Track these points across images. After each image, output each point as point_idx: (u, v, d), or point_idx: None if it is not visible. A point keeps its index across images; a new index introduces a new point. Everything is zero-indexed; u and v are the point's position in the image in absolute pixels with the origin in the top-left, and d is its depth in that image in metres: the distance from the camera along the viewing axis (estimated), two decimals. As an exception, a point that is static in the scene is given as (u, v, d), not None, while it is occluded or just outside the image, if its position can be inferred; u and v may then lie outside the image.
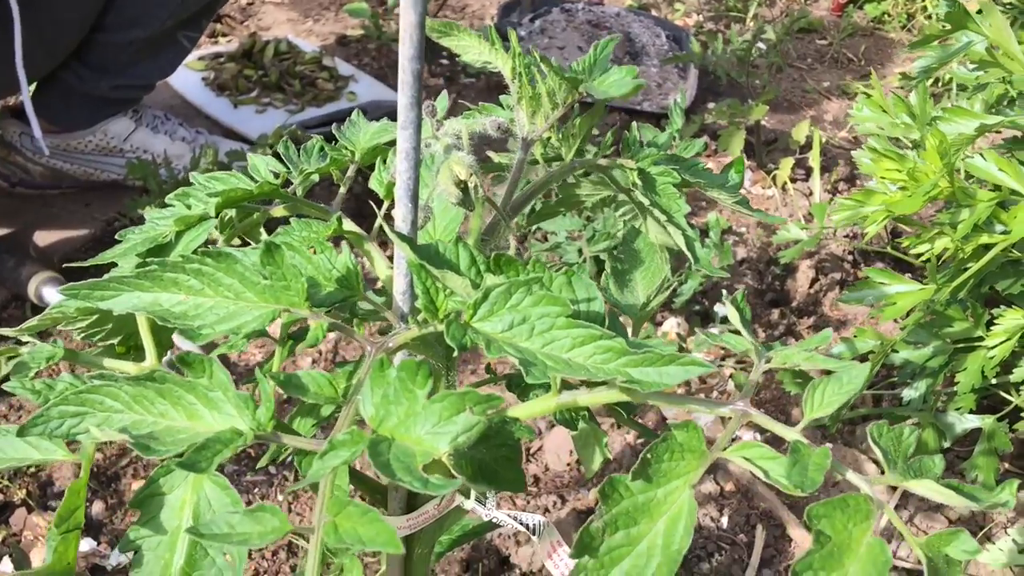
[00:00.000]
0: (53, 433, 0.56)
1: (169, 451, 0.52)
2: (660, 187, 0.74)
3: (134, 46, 1.67)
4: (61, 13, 1.57)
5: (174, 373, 0.55)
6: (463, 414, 0.49)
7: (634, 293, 0.73)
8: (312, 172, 0.74)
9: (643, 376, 0.55)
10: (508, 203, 0.69)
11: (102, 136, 1.79)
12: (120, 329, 0.70)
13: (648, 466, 0.58)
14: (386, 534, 0.48)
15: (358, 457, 0.49)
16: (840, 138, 2.38)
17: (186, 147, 1.88)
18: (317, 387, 0.54)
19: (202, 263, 0.57)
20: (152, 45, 1.69)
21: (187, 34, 1.73)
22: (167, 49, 1.73)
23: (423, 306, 0.56)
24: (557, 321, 0.56)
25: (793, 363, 0.65)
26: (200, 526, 0.49)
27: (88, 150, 1.80)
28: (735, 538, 1.43)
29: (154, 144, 1.85)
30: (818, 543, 0.57)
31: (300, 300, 0.57)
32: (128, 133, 1.82)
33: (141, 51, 1.69)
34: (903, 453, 0.65)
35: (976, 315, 1.22)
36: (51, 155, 1.78)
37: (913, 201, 0.99)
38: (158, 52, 1.72)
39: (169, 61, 1.77)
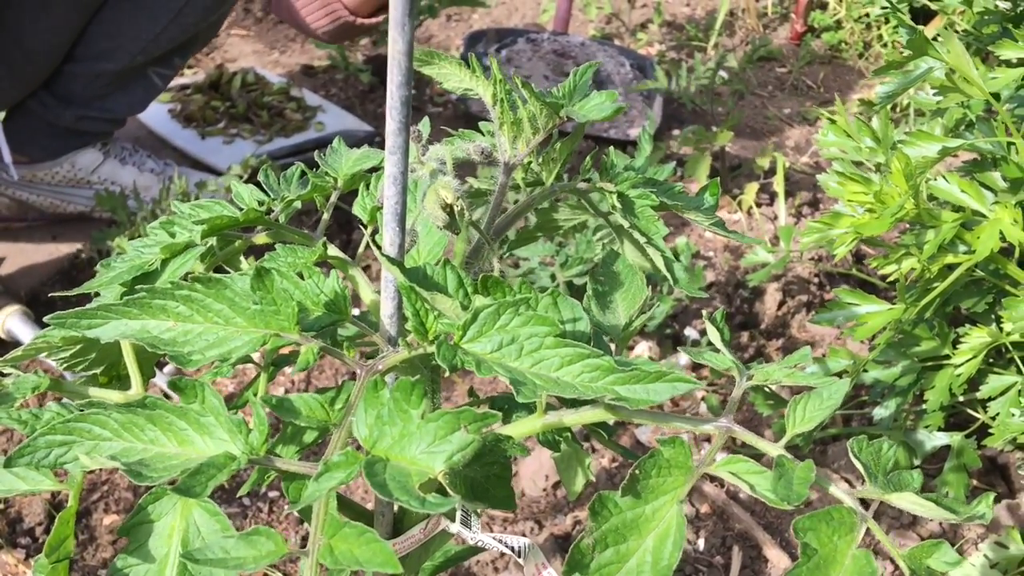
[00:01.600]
0: (40, 463, 0.56)
1: (161, 477, 0.52)
2: (639, 209, 0.76)
3: (103, 79, 1.66)
4: (32, 43, 1.56)
5: (164, 399, 0.55)
6: (458, 433, 0.49)
7: (615, 314, 0.74)
8: (295, 199, 0.75)
9: (631, 393, 0.56)
10: (491, 227, 0.70)
11: (69, 167, 1.78)
12: (103, 359, 0.70)
13: (636, 482, 0.59)
14: (383, 554, 0.48)
15: (354, 478, 0.50)
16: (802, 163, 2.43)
17: (154, 178, 1.87)
18: (309, 410, 0.54)
19: (192, 289, 0.57)
20: (121, 79, 1.69)
21: (159, 71, 1.73)
22: (137, 84, 1.73)
23: (413, 328, 0.57)
24: (545, 340, 0.57)
25: (774, 380, 0.66)
26: (194, 551, 0.49)
27: (55, 181, 1.79)
28: (712, 560, 1.44)
29: (122, 176, 1.84)
30: (805, 555, 0.58)
31: (290, 324, 0.57)
32: (96, 165, 1.81)
33: (110, 84, 1.68)
34: (883, 467, 0.66)
35: (942, 334, 1.25)
36: (18, 186, 1.77)
37: (880, 223, 1.02)
38: (127, 87, 1.71)
39: (139, 98, 1.76)
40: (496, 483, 0.61)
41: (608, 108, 0.64)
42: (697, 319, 1.85)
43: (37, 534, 1.38)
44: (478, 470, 0.60)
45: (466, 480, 0.60)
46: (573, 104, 0.66)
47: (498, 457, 0.60)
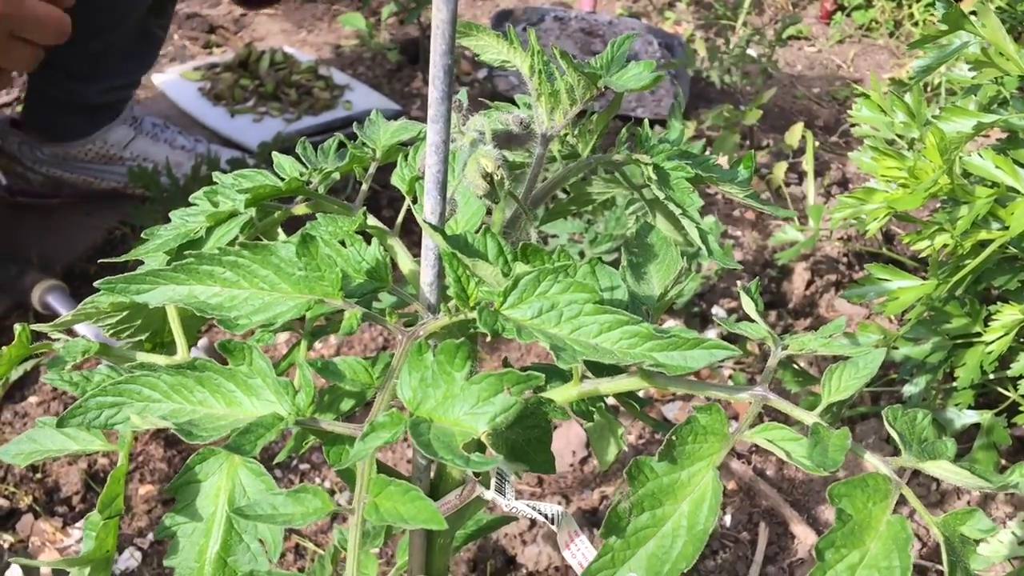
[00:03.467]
0: (92, 424, 0.57)
1: (211, 436, 0.53)
2: (674, 181, 0.76)
3: (113, 49, 1.69)
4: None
5: (213, 362, 0.56)
6: (501, 395, 0.50)
7: (650, 285, 0.75)
8: (333, 171, 0.76)
9: (668, 360, 0.57)
10: (528, 197, 0.71)
11: (101, 144, 1.80)
12: (148, 325, 0.71)
13: (673, 448, 0.60)
14: (428, 512, 0.49)
15: (398, 438, 0.51)
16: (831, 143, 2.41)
17: (185, 155, 1.89)
18: (353, 373, 0.56)
19: (239, 255, 0.59)
20: (128, 43, 1.71)
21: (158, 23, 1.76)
22: (143, 43, 1.76)
23: (455, 294, 0.58)
24: (585, 308, 0.57)
25: (810, 350, 0.67)
26: (244, 507, 0.51)
27: (88, 159, 1.81)
28: (738, 536, 1.45)
29: (154, 152, 1.86)
30: (840, 521, 0.58)
31: (334, 290, 0.59)
32: (128, 141, 1.83)
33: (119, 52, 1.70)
34: (917, 437, 0.66)
35: (974, 311, 1.24)
36: (51, 164, 1.79)
37: (914, 197, 1.01)
38: (136, 48, 1.74)
39: (149, 52, 1.80)
40: (536, 446, 0.62)
41: (646, 77, 0.65)
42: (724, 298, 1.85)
43: (74, 503, 1.41)
44: (519, 432, 0.61)
45: (507, 442, 0.61)
46: (611, 75, 0.67)
47: (539, 420, 0.61)
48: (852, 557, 0.58)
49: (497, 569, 1.38)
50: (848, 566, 0.58)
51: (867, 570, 0.58)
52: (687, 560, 0.59)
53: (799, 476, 1.53)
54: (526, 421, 0.60)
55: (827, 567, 0.58)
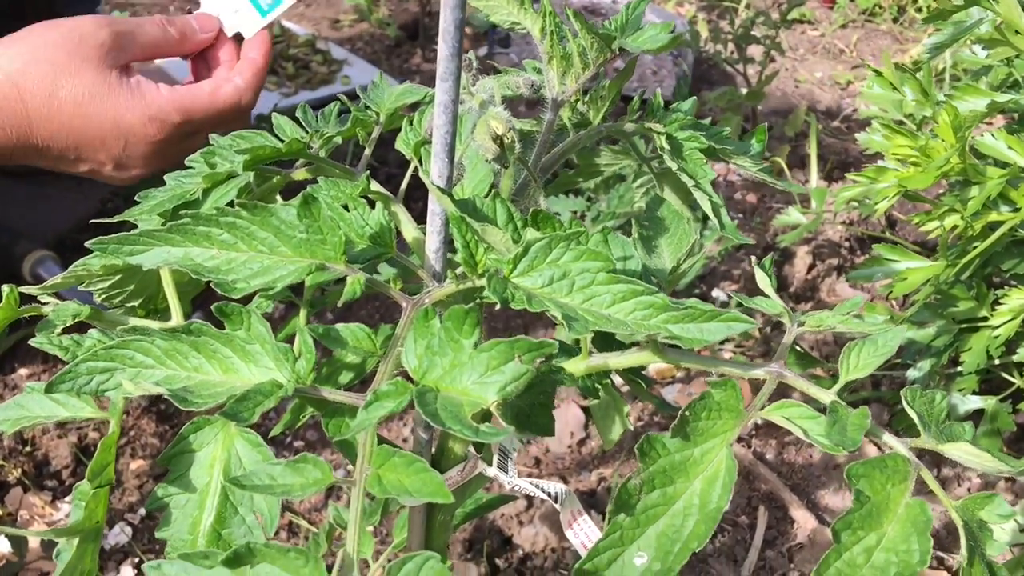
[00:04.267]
0: (82, 389, 0.55)
1: (206, 403, 0.51)
2: (687, 152, 0.74)
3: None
4: None
5: (209, 325, 0.54)
6: (511, 363, 0.48)
7: (661, 258, 0.73)
8: (335, 135, 0.73)
9: (684, 332, 0.55)
10: (537, 165, 0.68)
11: None
12: (142, 290, 0.69)
13: (686, 424, 0.58)
14: (434, 484, 0.47)
15: (403, 408, 0.49)
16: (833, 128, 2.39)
17: None
18: (355, 340, 0.53)
19: (237, 216, 0.56)
20: None
21: None
22: None
23: (463, 260, 0.55)
24: (597, 276, 0.55)
25: (827, 326, 0.65)
26: (240, 477, 0.48)
27: None
28: (737, 519, 1.43)
29: None
30: (858, 502, 0.56)
31: (337, 255, 0.56)
32: None
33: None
34: (935, 418, 0.64)
35: (981, 295, 1.23)
36: None
37: (926, 176, 0.99)
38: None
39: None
40: (539, 411, 0.60)
41: (663, 39, 0.62)
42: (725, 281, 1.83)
43: (64, 477, 1.39)
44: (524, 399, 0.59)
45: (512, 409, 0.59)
46: (626, 36, 0.64)
47: (545, 386, 0.59)
48: (869, 539, 0.57)
49: (493, 549, 1.37)
50: (865, 549, 0.56)
51: (884, 553, 0.56)
52: (699, 540, 0.57)
53: (799, 460, 1.51)
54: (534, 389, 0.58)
55: (843, 549, 0.56)
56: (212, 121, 0.96)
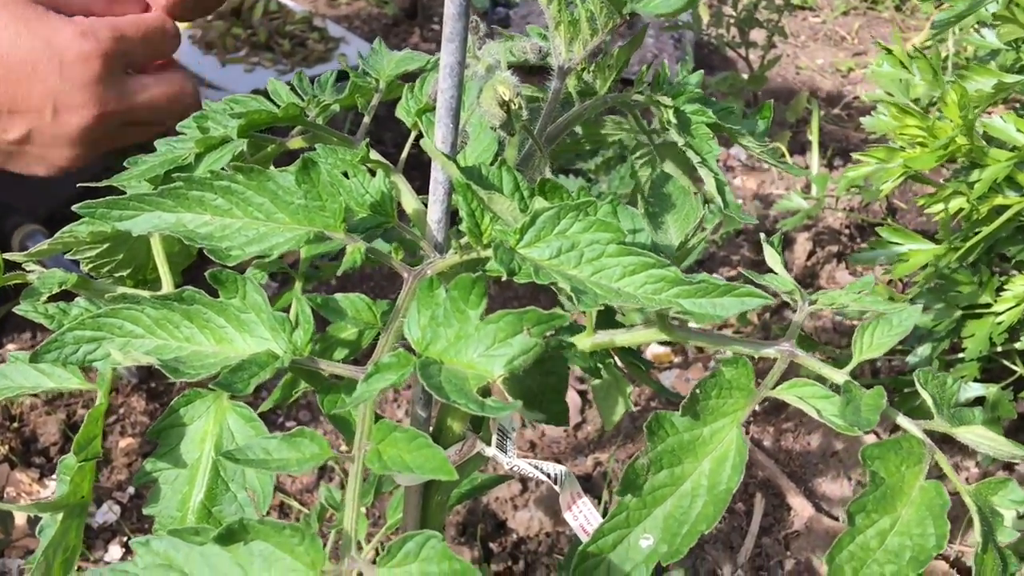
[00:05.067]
0: (68, 359, 0.53)
1: (199, 374, 0.49)
2: (694, 127, 0.72)
3: None
4: None
5: (202, 293, 0.52)
6: (520, 336, 0.46)
7: (668, 234, 0.71)
8: (332, 102, 0.71)
9: (696, 307, 0.53)
10: (543, 134, 0.66)
11: None
12: (131, 260, 0.66)
13: (696, 402, 0.56)
14: (437, 460, 0.45)
15: (406, 380, 0.47)
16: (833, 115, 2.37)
17: None
18: (355, 310, 0.51)
19: (232, 180, 0.54)
20: None
21: None
22: None
23: (467, 229, 0.53)
24: (607, 248, 0.53)
25: (839, 305, 0.63)
26: (234, 451, 0.46)
27: None
28: (734, 506, 1.42)
29: None
30: (872, 484, 0.55)
31: (336, 222, 0.54)
32: None
33: None
34: (947, 401, 0.63)
35: (985, 281, 1.21)
36: None
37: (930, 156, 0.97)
38: None
39: None
40: (552, 396, 0.58)
41: (677, 2, 0.60)
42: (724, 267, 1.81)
43: (51, 454, 1.37)
44: (536, 379, 0.57)
45: (521, 388, 0.57)
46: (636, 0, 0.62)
47: (556, 367, 0.57)
48: (883, 523, 0.55)
49: (487, 533, 1.35)
50: (879, 532, 0.55)
51: (899, 537, 0.54)
52: (707, 522, 0.55)
53: (796, 447, 1.50)
54: (543, 366, 0.56)
55: (857, 532, 0.54)
56: (142, 42, 0.90)
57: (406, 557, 0.46)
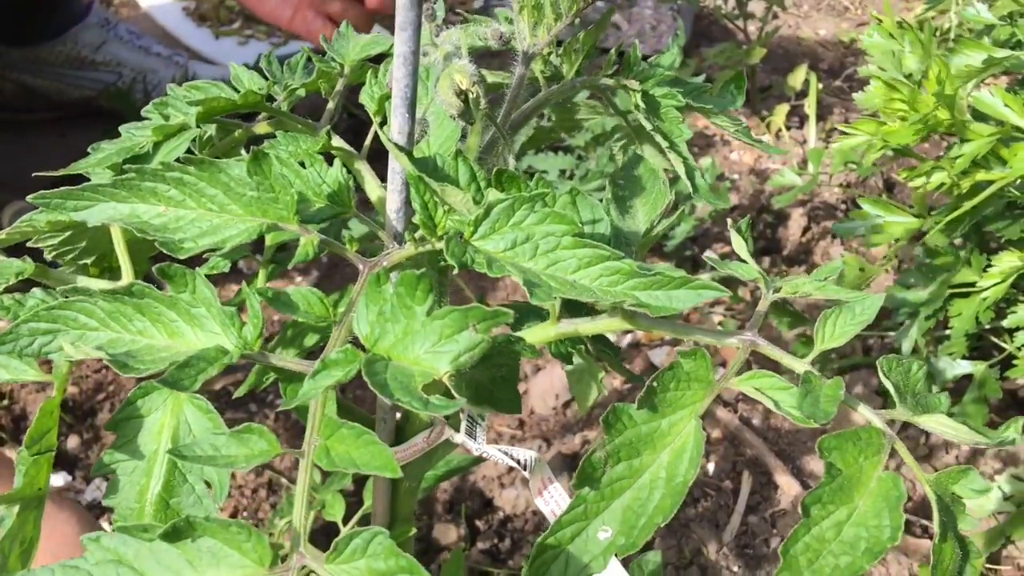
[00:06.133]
0: (24, 352, 0.53)
1: (148, 369, 0.49)
2: (663, 111, 0.71)
3: None
4: None
5: (152, 288, 0.52)
6: (466, 332, 0.46)
7: (635, 220, 0.70)
8: (298, 87, 0.70)
9: (652, 300, 0.52)
10: (507, 121, 0.65)
11: (72, 46, 1.73)
12: (94, 248, 0.66)
13: (654, 395, 0.56)
14: (382, 457, 0.45)
15: (352, 377, 0.46)
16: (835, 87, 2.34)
17: (161, 62, 1.81)
18: (307, 304, 0.51)
19: (184, 171, 0.53)
20: None
21: None
22: None
23: (421, 222, 0.53)
24: (563, 240, 0.53)
25: (803, 293, 0.62)
26: (182, 447, 0.46)
27: (59, 62, 1.74)
28: (721, 484, 1.42)
29: (128, 57, 1.78)
30: (829, 475, 0.55)
31: (289, 214, 0.54)
32: (99, 43, 1.75)
33: None
34: (912, 388, 0.62)
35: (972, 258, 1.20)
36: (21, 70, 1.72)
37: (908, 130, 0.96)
38: None
39: None
40: (502, 385, 0.58)
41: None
42: (718, 243, 1.80)
43: (42, 433, 1.37)
44: (484, 372, 0.57)
45: (471, 382, 0.57)
46: (601, -13, 0.61)
47: (506, 359, 0.56)
48: (839, 514, 0.55)
49: (474, 511, 1.36)
50: (835, 523, 0.55)
51: (855, 528, 0.54)
52: (663, 514, 0.55)
53: (786, 426, 1.50)
54: (493, 360, 0.56)
55: (812, 523, 0.54)
56: None
57: (353, 554, 0.46)
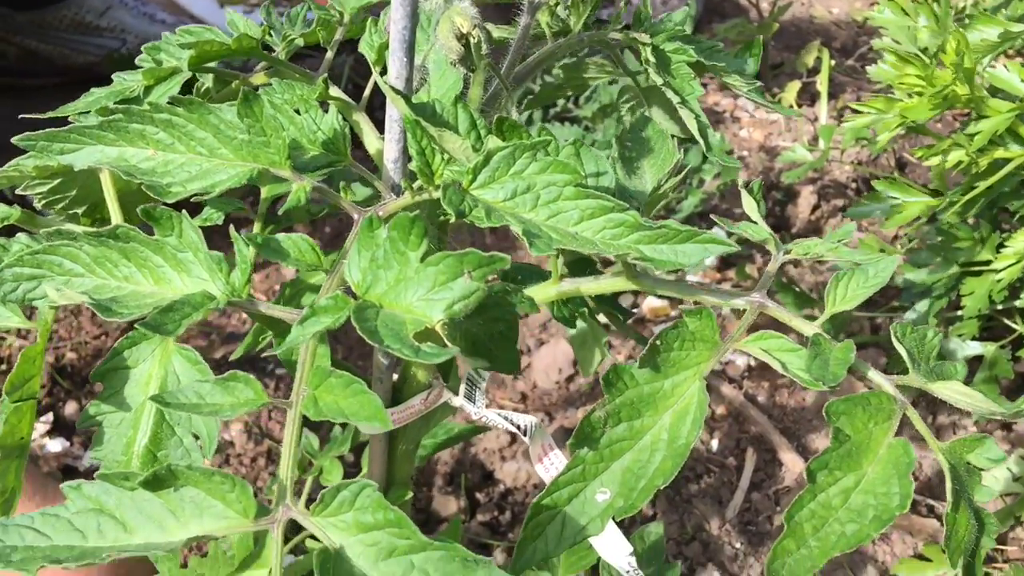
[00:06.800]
0: (7, 298, 0.51)
1: (132, 314, 0.47)
2: (674, 66, 0.68)
3: None
4: None
5: (137, 230, 0.50)
6: (461, 279, 0.44)
7: (642, 180, 0.68)
8: (296, 37, 0.68)
9: (657, 254, 0.50)
10: (511, 73, 0.63)
11: (76, 10, 1.71)
12: (85, 198, 0.64)
13: (657, 354, 0.54)
14: (371, 407, 0.43)
15: (341, 324, 0.45)
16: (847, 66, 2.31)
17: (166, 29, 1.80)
18: (298, 251, 0.49)
19: (172, 113, 0.51)
20: None
21: None
22: None
23: (418, 169, 0.51)
24: (565, 191, 0.51)
25: (815, 254, 0.60)
26: (166, 394, 0.45)
27: (63, 27, 1.72)
28: (724, 461, 1.41)
29: (132, 23, 1.77)
30: (836, 441, 0.53)
31: (281, 159, 0.52)
32: (104, 8, 1.74)
33: None
34: (926, 356, 0.60)
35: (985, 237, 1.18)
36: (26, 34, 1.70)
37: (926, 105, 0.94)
38: None
39: None
40: (500, 342, 0.56)
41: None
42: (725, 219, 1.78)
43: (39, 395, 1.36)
44: (481, 326, 0.55)
45: (467, 335, 0.55)
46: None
47: (504, 314, 0.54)
48: (846, 481, 0.53)
49: (474, 484, 1.34)
50: (842, 490, 0.53)
51: (862, 495, 0.52)
52: (664, 476, 0.54)
53: (790, 403, 1.48)
54: (489, 312, 0.54)
55: (818, 490, 0.53)
56: None
57: (340, 506, 0.44)
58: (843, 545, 0.51)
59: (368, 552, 0.44)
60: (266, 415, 1.40)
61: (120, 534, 0.45)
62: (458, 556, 0.43)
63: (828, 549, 0.51)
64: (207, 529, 0.44)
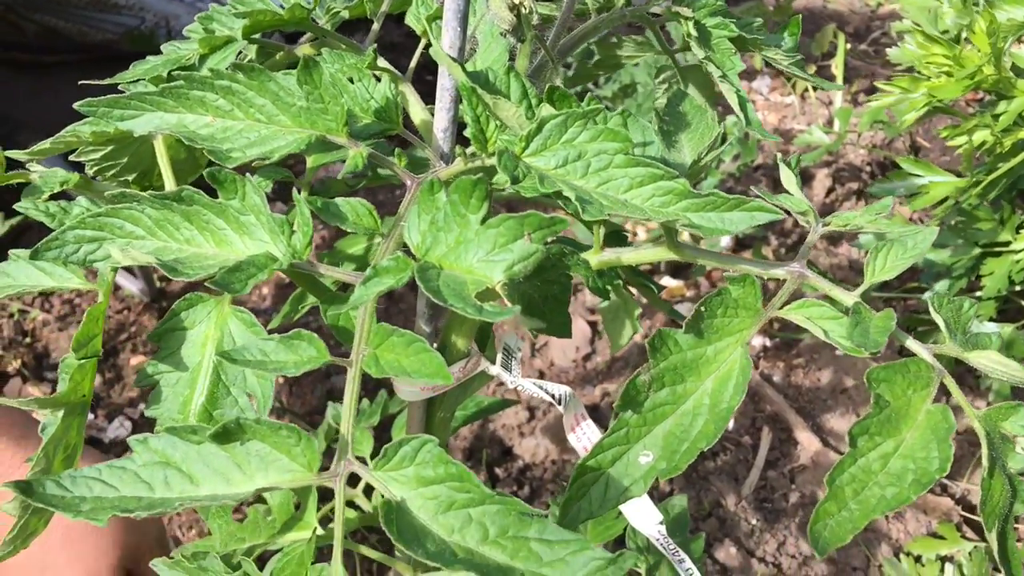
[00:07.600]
0: (69, 258, 0.52)
1: (197, 274, 0.48)
2: (715, 41, 0.69)
3: None
4: None
5: (201, 193, 0.51)
6: (520, 240, 0.45)
7: (681, 153, 0.69)
8: (340, 9, 0.69)
9: (705, 222, 0.52)
10: (555, 45, 0.64)
11: None
12: (136, 164, 0.66)
13: (700, 320, 0.55)
14: (434, 364, 0.44)
15: (404, 283, 0.46)
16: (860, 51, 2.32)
17: (184, 8, 1.80)
18: (356, 216, 0.50)
19: (233, 80, 0.52)
20: None
21: None
22: None
23: (472, 135, 0.52)
24: (615, 159, 0.52)
25: (855, 226, 0.61)
26: (231, 351, 0.46)
27: (83, 4, 1.73)
28: (740, 439, 1.42)
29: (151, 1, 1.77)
30: (876, 407, 0.54)
31: (338, 126, 0.53)
32: None
33: None
34: (962, 326, 0.61)
35: (1006, 218, 1.19)
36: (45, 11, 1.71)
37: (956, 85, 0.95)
38: None
39: None
40: (554, 306, 0.57)
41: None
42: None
43: (65, 370, 1.38)
44: (538, 287, 0.56)
45: (523, 297, 0.56)
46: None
47: (559, 276, 0.56)
48: (886, 446, 0.54)
49: (493, 459, 1.36)
50: (882, 455, 0.54)
51: (902, 460, 0.54)
52: (707, 439, 0.55)
53: (806, 383, 1.49)
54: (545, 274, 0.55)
55: (859, 454, 0.54)
56: None
57: (402, 461, 0.46)
58: (883, 508, 0.53)
59: (428, 505, 0.45)
60: (287, 390, 1.41)
61: (187, 486, 0.46)
62: (514, 510, 0.45)
63: (868, 511, 0.53)
64: (272, 481, 0.46)
